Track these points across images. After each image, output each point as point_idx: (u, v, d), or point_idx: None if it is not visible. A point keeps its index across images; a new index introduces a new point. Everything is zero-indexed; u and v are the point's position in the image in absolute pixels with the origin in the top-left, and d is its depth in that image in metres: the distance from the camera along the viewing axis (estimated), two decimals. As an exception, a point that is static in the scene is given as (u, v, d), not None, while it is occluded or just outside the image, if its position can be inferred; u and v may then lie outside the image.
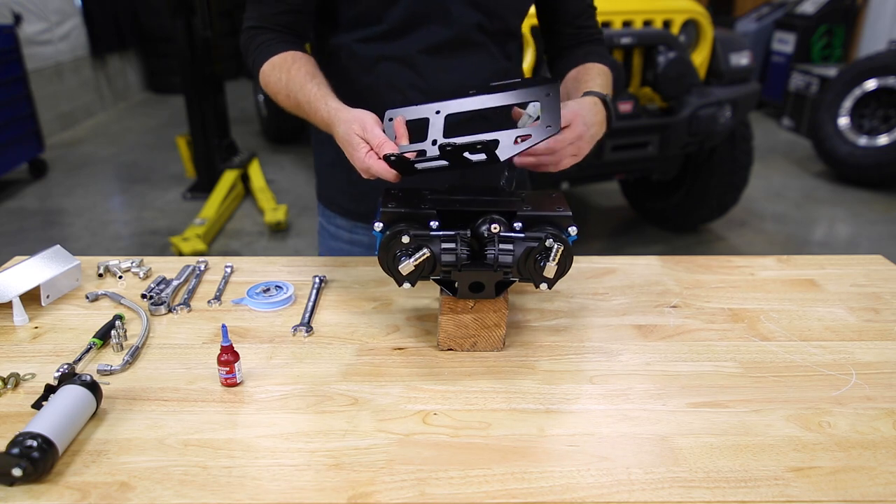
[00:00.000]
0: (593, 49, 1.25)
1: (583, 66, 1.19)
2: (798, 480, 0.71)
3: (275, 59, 1.08)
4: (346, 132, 0.93)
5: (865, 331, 1.03)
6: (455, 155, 0.86)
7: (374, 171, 0.89)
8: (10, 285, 1.01)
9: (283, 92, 1.06)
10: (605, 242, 3.98)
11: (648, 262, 1.25)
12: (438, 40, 1.12)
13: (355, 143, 0.92)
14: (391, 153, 0.86)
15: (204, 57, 4.31)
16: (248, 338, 0.98)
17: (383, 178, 0.89)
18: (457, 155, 0.86)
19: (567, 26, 1.25)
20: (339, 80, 1.14)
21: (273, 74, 1.08)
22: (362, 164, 0.91)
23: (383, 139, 0.90)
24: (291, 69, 1.06)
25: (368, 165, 0.90)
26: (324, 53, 1.21)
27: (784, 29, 6.38)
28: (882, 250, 2.28)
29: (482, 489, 0.69)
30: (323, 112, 0.99)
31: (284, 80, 1.06)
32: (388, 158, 0.86)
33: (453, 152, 0.85)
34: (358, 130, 0.92)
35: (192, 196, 4.44)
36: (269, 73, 1.09)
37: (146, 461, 0.72)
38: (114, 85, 7.20)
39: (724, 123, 3.34)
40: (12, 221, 4.09)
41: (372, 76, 1.15)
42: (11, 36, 4.55)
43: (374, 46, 1.13)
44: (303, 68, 1.05)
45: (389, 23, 1.11)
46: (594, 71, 1.17)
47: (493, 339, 0.94)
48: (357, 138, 0.92)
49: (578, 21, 1.24)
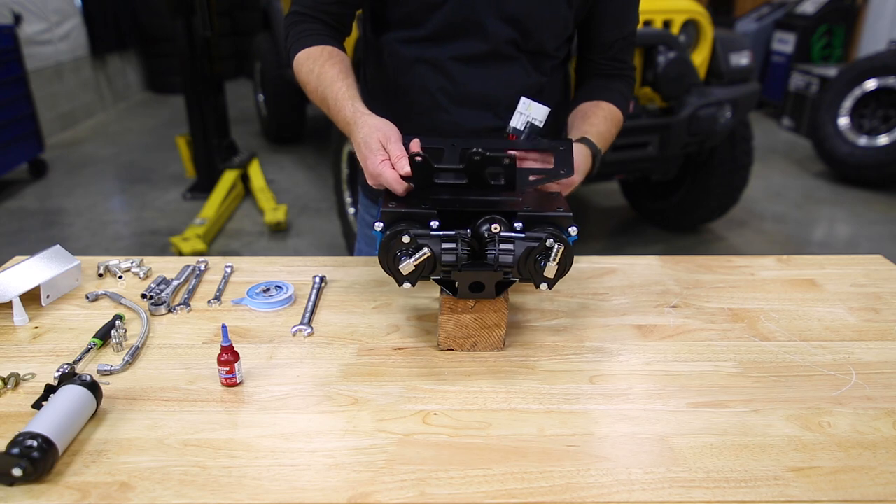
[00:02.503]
0: (616, 87, 1.24)
1: (595, 104, 1.20)
2: (798, 480, 0.71)
3: (312, 50, 1.10)
4: (367, 136, 0.95)
5: (865, 331, 1.03)
6: (478, 168, 0.89)
7: (385, 179, 0.91)
8: (10, 285, 1.01)
9: (313, 83, 1.08)
10: (605, 242, 3.98)
11: (648, 262, 1.25)
12: (471, 51, 1.13)
13: (374, 148, 0.94)
14: (418, 153, 0.87)
15: (204, 57, 4.30)
16: (248, 338, 0.98)
17: (391, 187, 0.91)
18: (480, 169, 0.89)
19: (599, 55, 1.23)
20: (379, 76, 1.17)
21: (306, 64, 1.10)
22: (374, 169, 0.92)
23: (402, 153, 0.92)
24: (326, 64, 1.08)
25: (380, 172, 0.91)
26: (371, 49, 1.22)
27: (784, 29, 6.38)
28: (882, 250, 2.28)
29: (482, 489, 0.69)
30: (348, 112, 1.01)
31: (316, 72, 1.08)
32: (413, 158, 0.88)
33: (480, 162, 0.88)
34: (381, 137, 0.94)
35: (192, 196, 4.44)
36: (302, 62, 1.11)
37: (146, 461, 0.72)
38: (114, 85, 7.20)
39: (724, 123, 3.33)
40: (12, 221, 4.08)
41: (408, 77, 1.17)
42: (11, 36, 4.55)
43: (414, 48, 1.14)
44: (337, 65, 1.08)
45: (428, 28, 1.12)
46: (601, 114, 1.18)
47: (493, 339, 0.94)
48: (378, 144, 0.94)
49: (611, 52, 1.23)
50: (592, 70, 1.26)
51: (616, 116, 1.20)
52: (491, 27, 1.10)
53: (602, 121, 1.17)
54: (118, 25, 7.04)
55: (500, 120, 1.18)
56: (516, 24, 1.11)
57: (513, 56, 1.14)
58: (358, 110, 1.00)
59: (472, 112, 1.17)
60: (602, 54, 1.23)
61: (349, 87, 1.05)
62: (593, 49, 1.23)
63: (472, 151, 0.87)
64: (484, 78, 1.15)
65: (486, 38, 1.11)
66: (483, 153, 0.87)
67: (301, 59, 1.11)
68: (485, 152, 0.87)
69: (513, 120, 1.03)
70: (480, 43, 1.12)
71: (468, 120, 1.17)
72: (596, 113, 1.18)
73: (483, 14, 1.09)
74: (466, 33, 1.11)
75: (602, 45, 1.22)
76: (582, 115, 1.19)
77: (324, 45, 1.11)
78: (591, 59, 1.25)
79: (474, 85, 1.15)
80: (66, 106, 6.15)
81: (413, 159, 0.88)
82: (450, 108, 1.17)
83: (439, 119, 1.18)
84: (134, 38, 7.48)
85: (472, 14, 1.09)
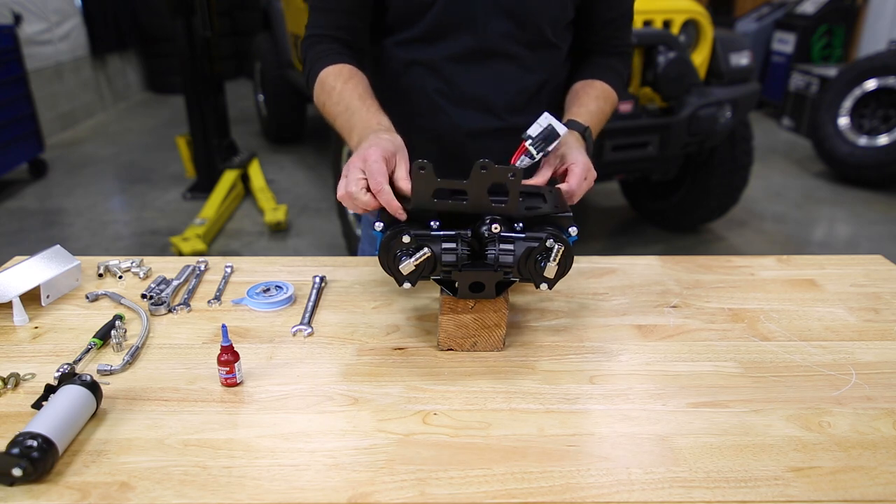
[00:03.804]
0: (612, 64, 1.23)
1: (588, 83, 1.19)
2: (798, 480, 0.71)
3: (332, 68, 1.09)
4: (375, 143, 0.90)
5: (865, 331, 1.03)
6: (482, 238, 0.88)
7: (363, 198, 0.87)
8: (10, 285, 1.01)
9: (335, 98, 1.06)
10: (605, 242, 3.98)
11: (648, 262, 1.25)
12: (466, 49, 1.11)
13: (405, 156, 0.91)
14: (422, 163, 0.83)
15: (204, 57, 4.30)
16: (248, 338, 0.98)
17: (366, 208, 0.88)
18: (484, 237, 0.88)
19: (596, 34, 1.22)
20: (377, 81, 1.14)
21: (328, 81, 1.08)
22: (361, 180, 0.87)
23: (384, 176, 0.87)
24: (349, 81, 1.06)
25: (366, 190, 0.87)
26: (369, 57, 1.21)
27: (784, 29, 6.38)
28: (882, 250, 2.28)
29: (482, 489, 0.69)
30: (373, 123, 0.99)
31: (339, 88, 1.06)
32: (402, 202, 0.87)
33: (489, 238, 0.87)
34: (389, 149, 0.90)
35: (192, 196, 4.44)
36: (324, 80, 1.09)
37: (146, 461, 0.72)
38: (114, 85, 7.20)
39: (724, 123, 3.33)
40: (12, 221, 4.08)
41: (404, 79, 1.16)
42: (11, 36, 4.55)
43: (407, 50, 1.14)
44: (361, 84, 1.06)
45: (422, 28, 1.11)
46: (594, 93, 1.17)
47: (493, 339, 0.94)
48: (407, 156, 0.91)
49: (608, 30, 1.21)
50: (589, 48, 1.24)
51: (608, 94, 1.19)
52: (485, 21, 1.09)
53: (593, 100, 1.16)
54: (118, 25, 7.04)
55: (501, 121, 1.18)
56: (511, 14, 1.09)
57: (510, 52, 1.13)
58: (391, 126, 0.99)
59: (471, 113, 1.17)
60: (599, 33, 1.22)
61: (377, 104, 1.04)
62: (590, 28, 1.22)
63: (479, 162, 0.83)
64: (481, 78, 1.14)
65: (480, 33, 1.10)
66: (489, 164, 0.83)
67: (323, 77, 1.09)
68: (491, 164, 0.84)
69: (530, 129, 0.99)
70: (475, 40, 1.11)
71: (467, 121, 1.17)
72: (588, 93, 1.17)
73: (476, 8, 1.08)
74: (460, 30, 1.10)
75: (599, 23, 1.21)
76: (574, 95, 1.18)
77: (345, 64, 1.10)
78: (588, 37, 1.23)
79: (471, 85, 1.15)
80: (66, 106, 6.15)
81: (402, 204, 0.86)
82: (448, 110, 1.16)
83: (439, 121, 1.18)
84: (134, 38, 7.48)
85: (465, 9, 1.08)
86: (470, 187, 0.85)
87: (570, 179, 0.98)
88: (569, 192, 0.97)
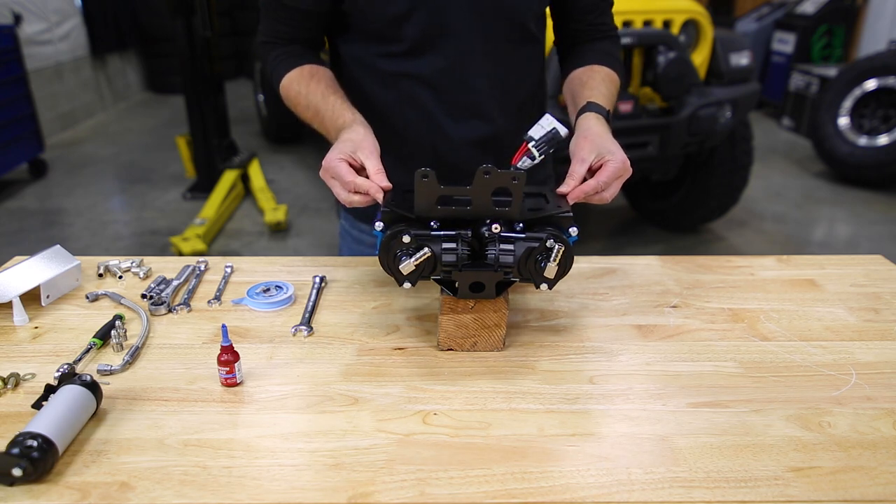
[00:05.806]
0: (605, 48, 1.21)
1: (590, 69, 1.17)
2: (798, 480, 0.71)
3: (293, 73, 1.11)
4: (335, 148, 0.94)
5: (865, 331, 1.03)
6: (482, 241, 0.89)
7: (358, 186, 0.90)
8: (10, 285, 1.01)
9: (303, 103, 1.09)
10: (605, 242, 3.98)
11: (648, 262, 1.25)
12: (452, 57, 1.10)
13: (368, 149, 0.93)
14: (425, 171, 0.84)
15: (204, 57, 4.30)
16: (248, 338, 0.98)
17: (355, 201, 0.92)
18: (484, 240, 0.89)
19: (578, 22, 1.21)
20: (352, 92, 1.13)
21: (292, 88, 1.10)
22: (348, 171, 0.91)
23: (379, 169, 0.91)
24: (311, 82, 1.08)
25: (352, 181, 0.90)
26: (335, 62, 1.20)
27: (784, 29, 6.38)
28: (882, 250, 2.27)
29: (482, 489, 0.69)
30: (348, 118, 1.01)
31: (304, 92, 1.08)
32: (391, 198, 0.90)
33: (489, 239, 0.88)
34: (347, 150, 0.93)
35: (192, 196, 4.44)
36: (287, 87, 1.11)
37: (146, 461, 0.72)
38: (114, 85, 7.20)
39: (724, 123, 3.34)
40: (12, 221, 4.08)
41: (393, 92, 1.14)
42: (11, 36, 4.55)
43: (393, 63, 1.12)
44: (322, 81, 1.08)
45: (406, 44, 1.09)
46: (599, 77, 1.15)
47: (493, 339, 0.94)
48: (373, 148, 0.94)
49: (590, 17, 1.20)
50: (575, 38, 1.23)
51: (612, 77, 1.18)
52: (468, 26, 1.07)
53: (601, 83, 1.13)
54: (118, 25, 7.05)
55: (492, 126, 1.16)
56: (494, 13, 1.08)
57: (495, 52, 1.11)
58: (357, 119, 1.01)
59: (465, 121, 1.15)
60: (582, 21, 1.21)
61: (342, 98, 1.05)
62: (571, 17, 1.21)
63: (482, 168, 0.83)
64: (470, 84, 1.12)
65: (466, 37, 1.08)
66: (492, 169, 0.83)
67: (286, 85, 1.11)
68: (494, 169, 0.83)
69: (532, 130, 0.99)
70: (461, 45, 1.09)
71: (461, 130, 1.15)
72: (593, 77, 1.15)
73: (456, 14, 1.06)
74: (444, 38, 1.08)
75: (581, 11, 1.19)
76: (579, 82, 1.15)
77: (302, 66, 1.11)
78: (571, 27, 1.22)
79: (462, 94, 1.13)
80: (66, 106, 6.15)
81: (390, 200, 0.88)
82: (440, 119, 1.14)
83: (432, 131, 1.15)
84: (134, 38, 7.49)
85: (444, 18, 1.06)
86: (473, 193, 0.85)
87: (601, 175, 0.94)
88: (596, 188, 0.94)
